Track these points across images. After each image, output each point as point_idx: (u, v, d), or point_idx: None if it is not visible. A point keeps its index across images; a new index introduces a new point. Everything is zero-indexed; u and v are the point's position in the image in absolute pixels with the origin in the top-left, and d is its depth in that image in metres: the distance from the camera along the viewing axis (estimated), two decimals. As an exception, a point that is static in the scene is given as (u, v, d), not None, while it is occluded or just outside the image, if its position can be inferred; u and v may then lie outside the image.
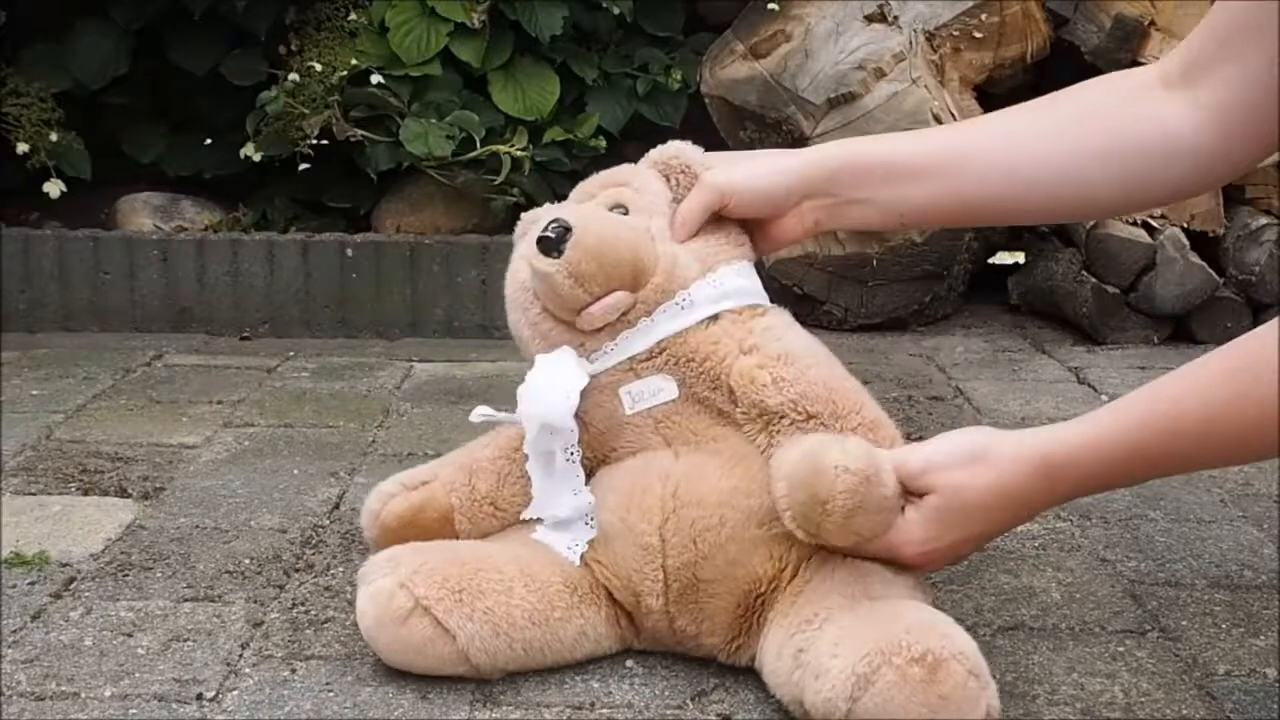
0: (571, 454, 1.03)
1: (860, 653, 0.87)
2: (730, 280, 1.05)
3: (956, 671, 0.86)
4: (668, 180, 1.09)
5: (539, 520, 1.06)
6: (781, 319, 1.06)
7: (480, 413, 1.08)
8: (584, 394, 1.03)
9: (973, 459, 0.97)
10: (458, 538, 1.08)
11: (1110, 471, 0.96)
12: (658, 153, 1.11)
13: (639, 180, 1.09)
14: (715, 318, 1.03)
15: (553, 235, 1.00)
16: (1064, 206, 1.13)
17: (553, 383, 1.03)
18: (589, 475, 1.05)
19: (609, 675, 1.01)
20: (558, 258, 1.00)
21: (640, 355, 1.03)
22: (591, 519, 1.03)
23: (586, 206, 1.07)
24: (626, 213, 1.06)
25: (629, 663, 1.03)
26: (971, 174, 1.07)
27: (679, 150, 1.11)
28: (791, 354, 1.02)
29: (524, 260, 1.05)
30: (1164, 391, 0.96)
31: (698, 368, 1.03)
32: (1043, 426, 0.99)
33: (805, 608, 0.96)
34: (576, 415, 1.02)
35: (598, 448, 1.06)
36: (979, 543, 1.01)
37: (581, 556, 1.03)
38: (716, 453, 1.02)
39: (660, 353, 1.03)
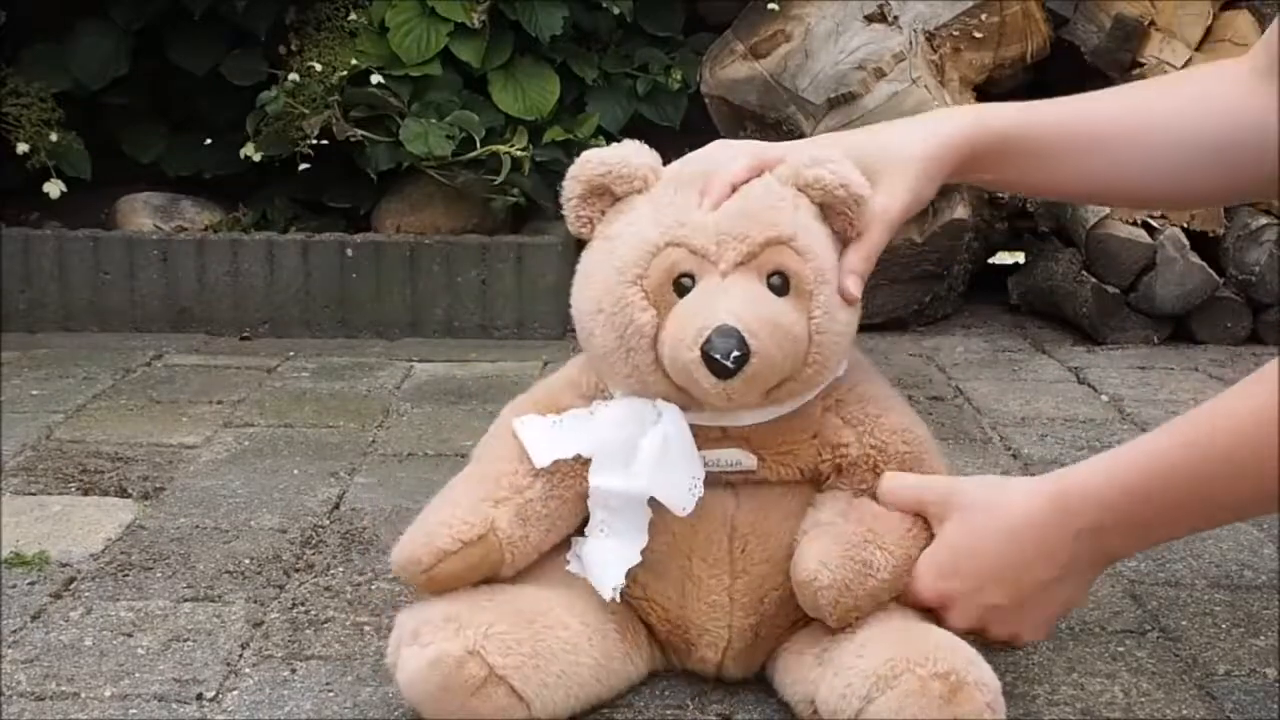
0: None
1: (885, 656, 0.87)
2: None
3: (976, 698, 0.85)
4: (822, 210, 0.96)
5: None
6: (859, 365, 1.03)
7: (546, 456, 0.97)
8: None
9: (988, 489, 0.95)
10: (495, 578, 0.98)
11: (1130, 502, 0.90)
12: (827, 180, 0.95)
13: (804, 235, 0.94)
14: None
15: (732, 366, 0.88)
16: (1169, 196, 1.13)
17: (682, 461, 0.94)
18: None
19: (609, 675, 1.01)
20: (725, 380, 0.89)
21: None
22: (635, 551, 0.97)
23: (752, 295, 0.91)
24: (786, 285, 0.93)
25: (629, 663, 1.03)
26: (1105, 156, 1.04)
27: (842, 179, 0.95)
28: (867, 399, 1.00)
29: (639, 300, 0.93)
30: (1190, 419, 0.90)
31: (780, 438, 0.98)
32: (1060, 470, 0.95)
33: None
34: None
35: None
36: (1007, 593, 0.94)
37: (624, 594, 0.97)
38: (777, 494, 0.97)
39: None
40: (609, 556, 0.96)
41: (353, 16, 2.22)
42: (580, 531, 1.00)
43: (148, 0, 2.19)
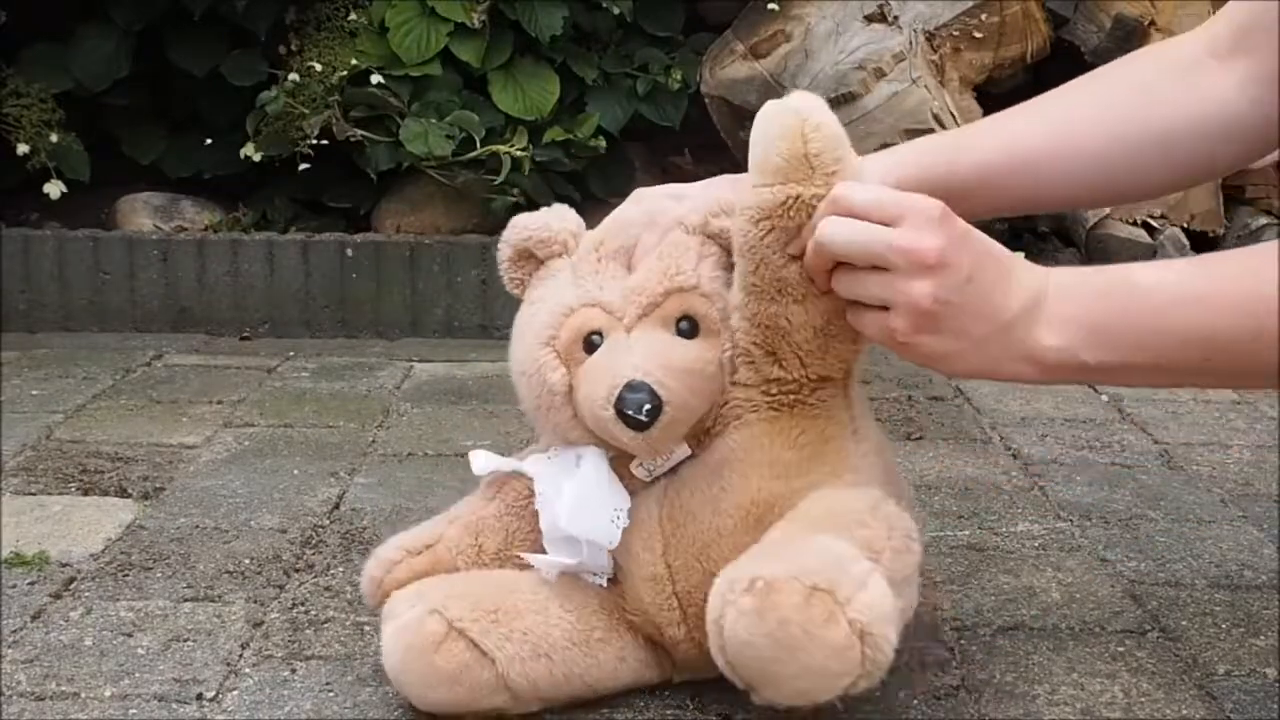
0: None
1: (713, 599, 0.84)
2: None
3: (789, 591, 0.79)
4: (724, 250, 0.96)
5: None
6: None
7: (484, 465, 1.01)
8: None
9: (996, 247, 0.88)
10: None
11: (1094, 313, 0.86)
12: (721, 228, 0.95)
13: (707, 280, 0.95)
14: None
15: (645, 419, 0.89)
16: (1124, 194, 1.09)
17: (598, 501, 0.95)
18: None
19: (609, 675, 1.01)
20: (641, 432, 0.90)
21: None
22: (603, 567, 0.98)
23: (658, 345, 0.93)
24: (694, 328, 0.94)
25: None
26: (1032, 177, 1.03)
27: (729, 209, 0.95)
28: None
29: (551, 361, 0.96)
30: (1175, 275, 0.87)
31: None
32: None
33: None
34: None
35: None
36: (983, 330, 0.86)
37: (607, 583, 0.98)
38: (699, 462, 0.96)
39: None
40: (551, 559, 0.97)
41: (353, 16, 2.22)
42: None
43: (148, 1, 2.19)
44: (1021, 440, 1.60)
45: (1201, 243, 2.10)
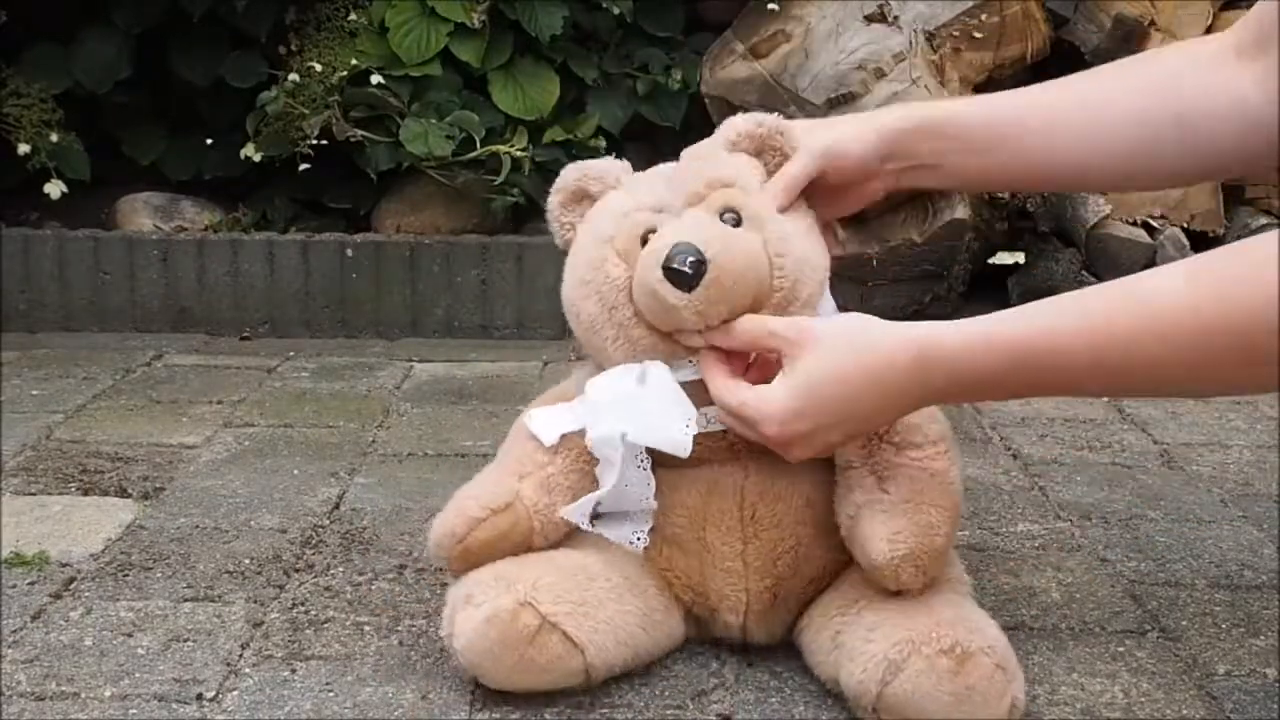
0: (643, 462, 1.00)
1: (893, 640, 0.91)
2: (826, 304, 1.03)
3: (983, 664, 0.90)
4: (759, 157, 1.04)
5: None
6: None
7: (553, 434, 1.02)
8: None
9: (850, 334, 0.93)
10: (526, 551, 1.02)
11: (984, 382, 0.90)
12: (746, 126, 1.04)
13: (744, 176, 1.02)
14: None
15: (689, 271, 0.93)
16: (1134, 175, 1.09)
17: (666, 410, 0.97)
18: None
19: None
20: (688, 293, 0.94)
21: None
22: (649, 508, 1.01)
23: (705, 221, 0.98)
24: (739, 219, 0.99)
25: (629, 663, 1.03)
26: (1045, 141, 1.06)
27: (767, 125, 1.04)
28: None
29: (613, 257, 1.00)
30: (1059, 310, 0.90)
31: None
32: (928, 323, 0.93)
33: (847, 592, 1.00)
34: None
35: (658, 460, 1.01)
36: (846, 430, 0.94)
37: (648, 553, 1.02)
38: (783, 462, 0.98)
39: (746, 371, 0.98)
40: (623, 517, 1.01)
41: (353, 16, 2.21)
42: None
43: (149, 3, 2.19)
44: (1021, 440, 1.60)
45: (1201, 242, 2.10)
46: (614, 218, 1.01)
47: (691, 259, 0.93)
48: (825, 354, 0.92)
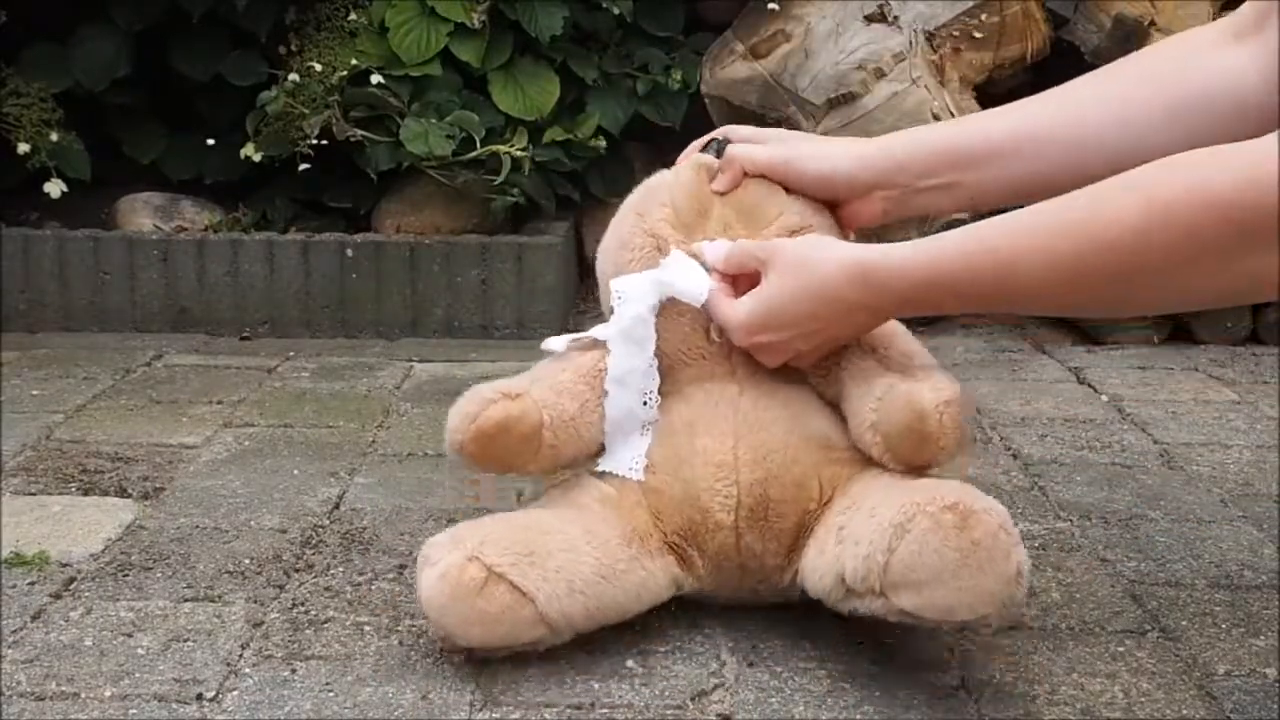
0: (648, 398, 1.09)
1: (896, 506, 0.94)
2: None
3: (987, 520, 0.92)
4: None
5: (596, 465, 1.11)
6: None
7: (560, 343, 1.11)
8: (666, 318, 1.09)
9: (804, 250, 1.04)
10: (538, 455, 1.08)
11: (917, 295, 0.99)
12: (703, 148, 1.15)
13: (801, 216, 1.13)
14: None
15: (716, 149, 1.12)
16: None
17: (693, 269, 1.08)
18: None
19: (609, 675, 1.01)
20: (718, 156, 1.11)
21: None
22: (649, 427, 1.09)
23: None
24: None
25: (629, 663, 1.03)
26: (1039, 153, 1.08)
27: (731, 134, 1.15)
28: None
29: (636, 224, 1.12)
30: (992, 229, 0.96)
31: None
32: (878, 245, 1.02)
33: (845, 499, 1.03)
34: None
35: (666, 377, 1.10)
36: (810, 340, 1.05)
37: (624, 499, 1.07)
38: (777, 385, 1.08)
39: None
40: (621, 442, 1.09)
41: (353, 16, 2.21)
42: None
43: (149, 1, 2.19)
44: (1021, 440, 1.60)
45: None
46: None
47: (717, 141, 1.12)
48: (782, 273, 1.04)
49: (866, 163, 1.11)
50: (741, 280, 1.08)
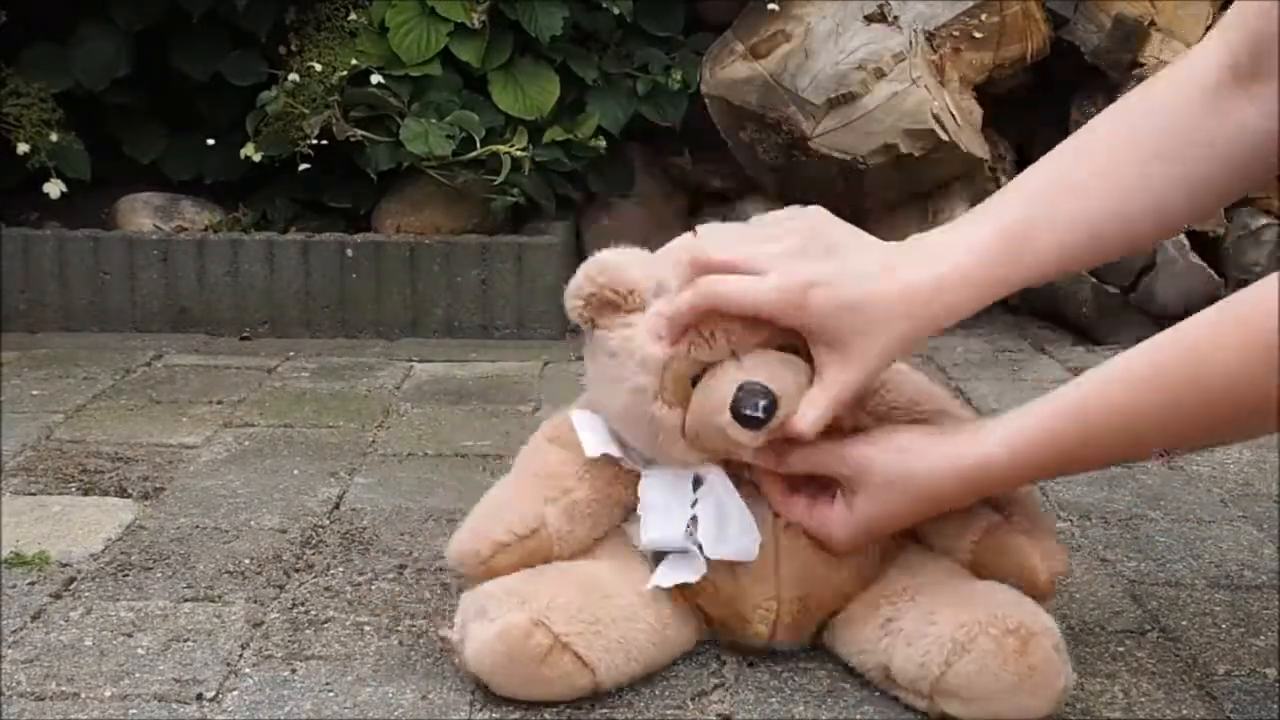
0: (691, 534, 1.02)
1: (958, 621, 0.93)
2: None
3: (1045, 645, 0.93)
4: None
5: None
6: None
7: (597, 448, 1.02)
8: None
9: (901, 475, 0.97)
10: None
11: (1027, 476, 0.99)
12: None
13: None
14: None
15: (762, 415, 0.94)
16: (1149, 240, 1.08)
17: (739, 519, 1.00)
18: None
19: (609, 675, 1.01)
20: (758, 430, 0.95)
21: None
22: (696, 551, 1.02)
23: (766, 354, 0.97)
24: (797, 353, 0.98)
25: (629, 663, 1.03)
26: (1057, 254, 1.00)
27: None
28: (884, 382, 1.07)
29: (660, 408, 0.98)
30: (1089, 407, 0.93)
31: None
32: (973, 429, 0.97)
33: (893, 583, 1.01)
34: None
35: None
36: (894, 526, 1.01)
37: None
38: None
39: None
40: (674, 561, 1.01)
41: (353, 16, 2.21)
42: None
43: (149, 1, 2.19)
44: (1021, 440, 1.60)
45: (1201, 242, 2.10)
46: (653, 370, 0.97)
47: (763, 403, 0.94)
48: (877, 495, 0.97)
49: (930, 321, 0.99)
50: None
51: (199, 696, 0.97)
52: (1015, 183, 1.04)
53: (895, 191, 2.14)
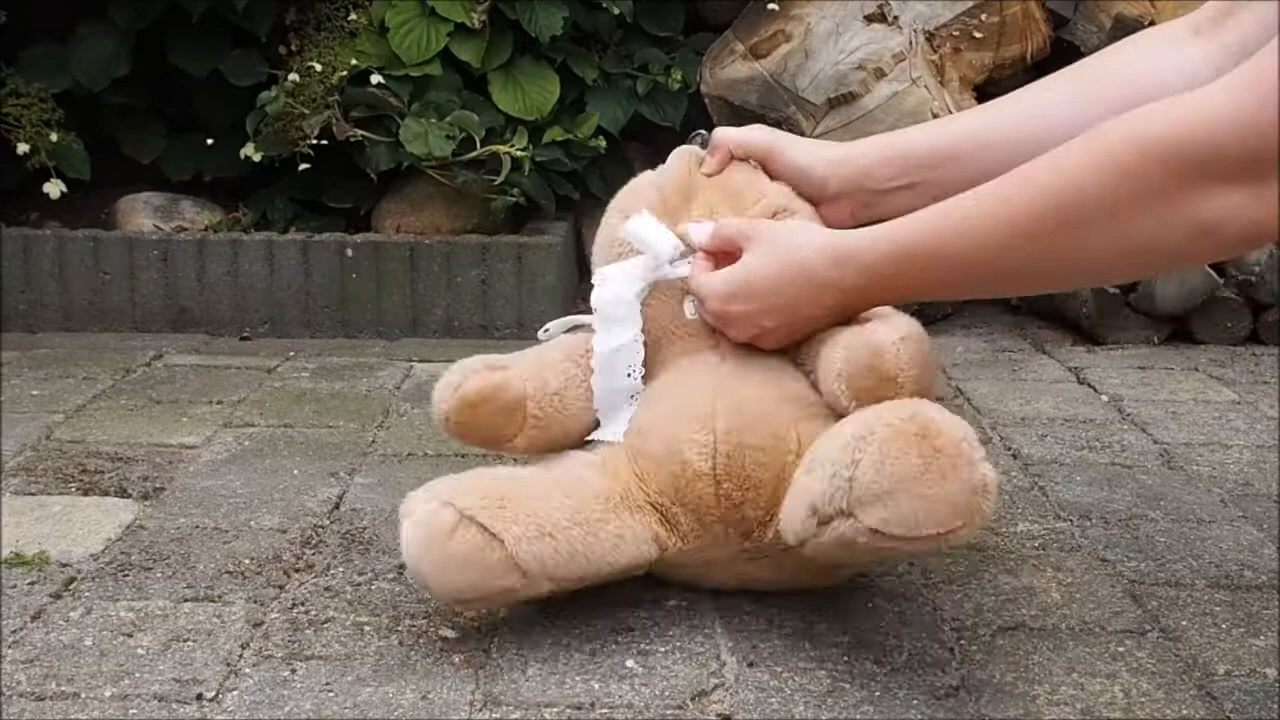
0: (632, 371, 1.13)
1: (857, 423, 0.96)
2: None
3: (949, 431, 0.92)
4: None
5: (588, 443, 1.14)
6: None
7: (555, 325, 1.16)
8: (648, 298, 1.13)
9: (787, 232, 1.08)
10: (523, 429, 1.12)
11: (889, 276, 1.01)
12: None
13: (784, 199, 1.18)
14: None
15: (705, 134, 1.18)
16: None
17: (661, 230, 1.13)
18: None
19: (609, 675, 1.01)
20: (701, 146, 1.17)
21: None
22: (635, 397, 1.13)
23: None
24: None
25: (629, 663, 1.03)
26: (1001, 151, 1.09)
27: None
28: None
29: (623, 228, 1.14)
30: (958, 202, 0.98)
31: None
32: (855, 230, 1.06)
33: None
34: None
35: (655, 353, 1.13)
36: (778, 319, 1.07)
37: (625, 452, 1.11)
38: (756, 353, 1.11)
39: None
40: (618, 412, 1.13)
41: (353, 16, 2.22)
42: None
43: (148, 1, 2.19)
44: (1021, 440, 1.60)
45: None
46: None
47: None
48: (760, 249, 1.07)
49: (834, 169, 1.15)
50: (723, 259, 1.11)
51: (199, 696, 0.97)
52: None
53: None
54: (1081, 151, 0.89)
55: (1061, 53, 2.21)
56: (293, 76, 2.13)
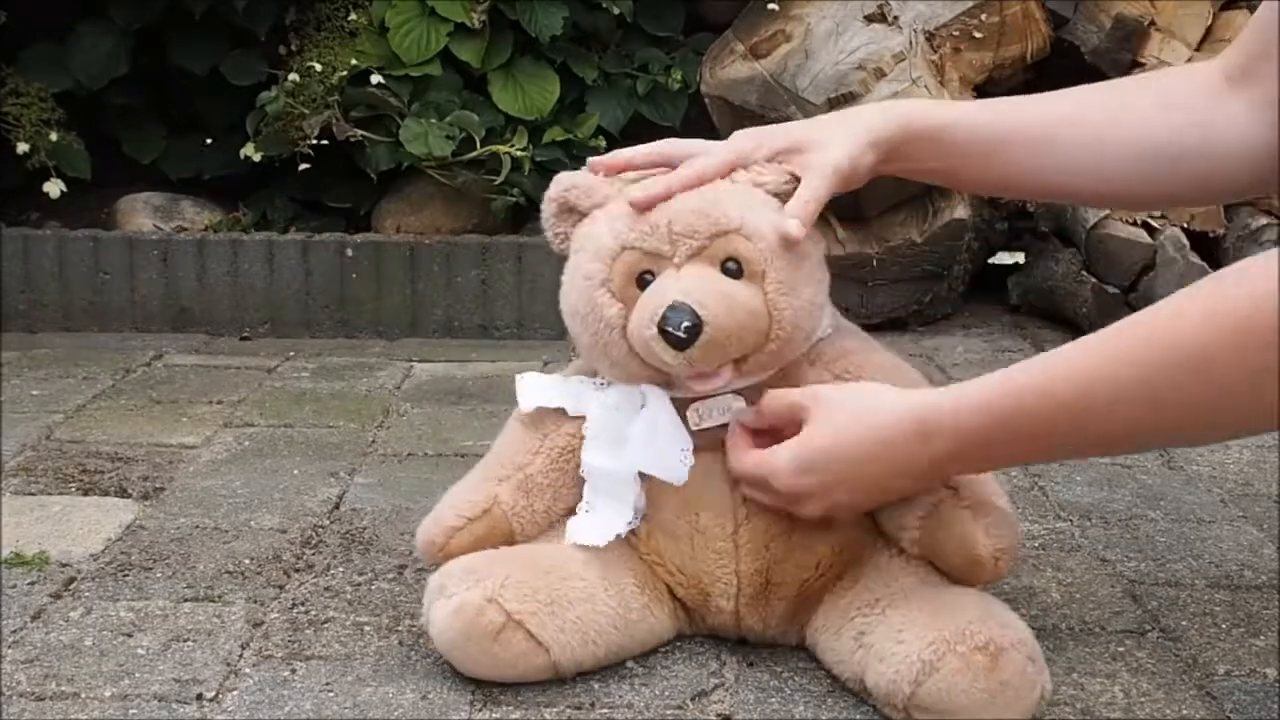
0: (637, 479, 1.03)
1: (926, 640, 0.92)
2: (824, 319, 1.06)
3: (1016, 659, 0.91)
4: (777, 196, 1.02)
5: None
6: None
7: (533, 399, 1.06)
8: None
9: (857, 402, 0.97)
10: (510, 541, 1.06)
11: (986, 444, 0.92)
12: (764, 176, 1.03)
13: (751, 221, 0.99)
14: None
15: (684, 336, 0.95)
16: (1123, 199, 1.13)
17: (667, 437, 1.01)
18: None
19: (609, 675, 1.01)
20: (681, 352, 0.96)
21: None
22: (639, 517, 1.04)
23: (706, 276, 0.98)
24: (740, 269, 0.99)
25: (629, 663, 1.03)
26: (1035, 159, 1.07)
27: (778, 172, 1.03)
28: (849, 350, 1.06)
29: (607, 298, 1.00)
30: (1052, 363, 0.90)
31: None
32: (935, 390, 0.97)
33: (865, 592, 1.00)
34: None
35: None
36: (854, 493, 0.98)
37: (641, 556, 1.04)
38: None
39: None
40: (593, 528, 1.03)
41: (353, 16, 2.22)
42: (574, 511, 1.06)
43: (148, 1, 2.19)
44: (1021, 440, 1.60)
45: (1202, 243, 2.10)
46: (604, 257, 1.00)
47: (686, 324, 0.95)
48: (831, 418, 0.97)
49: (876, 142, 1.04)
50: (765, 435, 1.01)
51: (199, 696, 0.97)
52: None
53: (895, 190, 2.14)
54: (1198, 318, 0.82)
55: (1062, 53, 2.21)
56: (293, 76, 2.14)
